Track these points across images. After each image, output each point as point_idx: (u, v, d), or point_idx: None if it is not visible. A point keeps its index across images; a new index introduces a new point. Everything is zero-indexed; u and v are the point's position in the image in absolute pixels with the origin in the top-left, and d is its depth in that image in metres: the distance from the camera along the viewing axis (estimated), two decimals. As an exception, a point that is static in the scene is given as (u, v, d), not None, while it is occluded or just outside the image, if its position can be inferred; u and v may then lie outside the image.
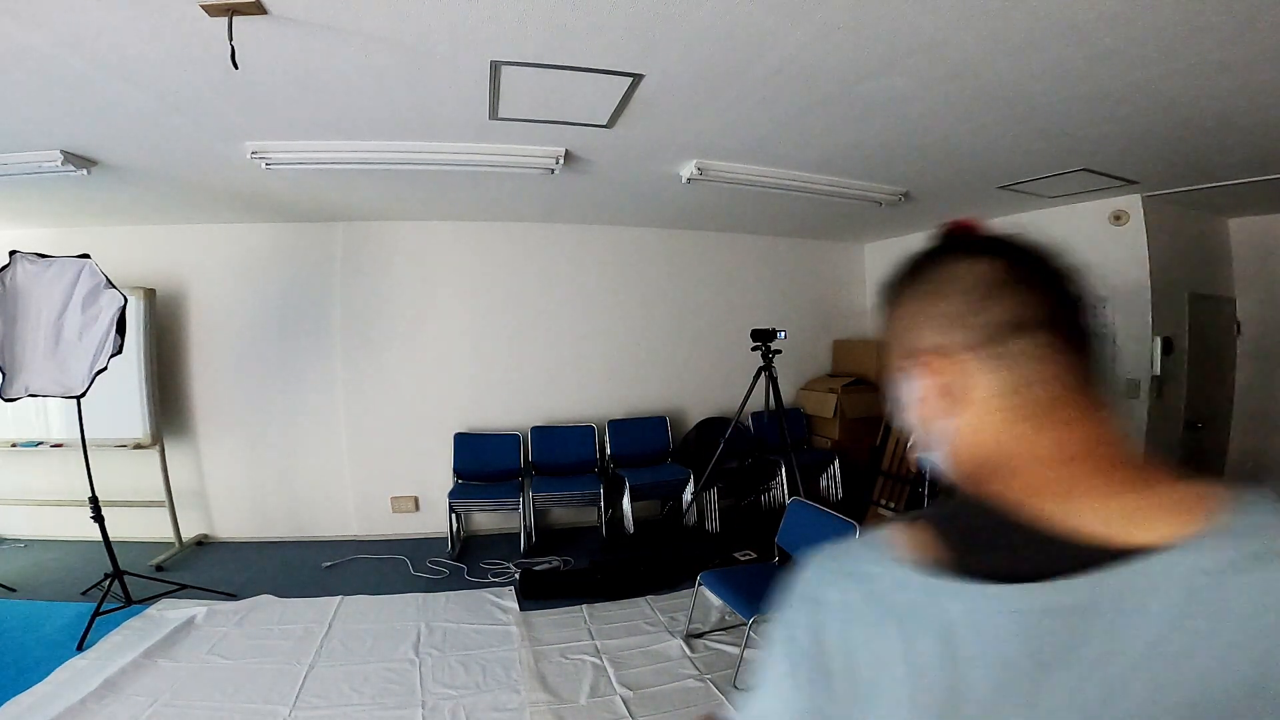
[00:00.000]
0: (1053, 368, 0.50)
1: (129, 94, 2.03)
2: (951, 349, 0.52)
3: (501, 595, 3.31)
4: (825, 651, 0.49)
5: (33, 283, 2.97)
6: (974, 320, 0.52)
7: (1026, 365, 0.50)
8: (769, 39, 1.71)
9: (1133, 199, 3.43)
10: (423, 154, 2.66)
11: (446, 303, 4.39)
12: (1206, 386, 3.77)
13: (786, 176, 3.09)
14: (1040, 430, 0.49)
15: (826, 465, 4.64)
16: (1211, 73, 1.85)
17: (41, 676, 2.48)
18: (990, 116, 2.28)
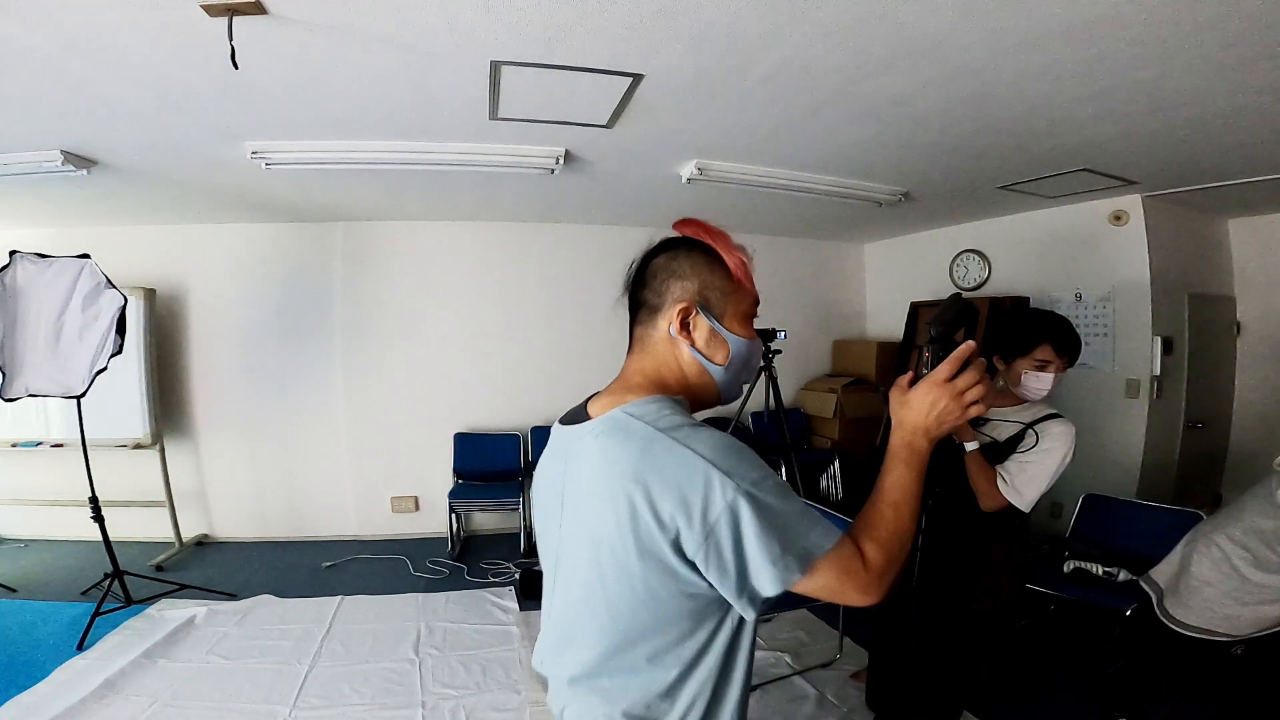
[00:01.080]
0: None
1: (129, 94, 2.03)
2: None
3: (501, 595, 3.31)
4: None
5: (33, 283, 2.97)
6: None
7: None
8: (769, 39, 1.71)
9: (1133, 199, 3.43)
10: (423, 154, 2.66)
11: (447, 302, 4.39)
12: (1206, 386, 3.77)
13: (786, 176, 3.09)
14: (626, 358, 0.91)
15: (826, 465, 4.64)
16: (1211, 72, 1.85)
17: (41, 676, 2.48)
18: (990, 116, 2.28)
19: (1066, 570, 2.70)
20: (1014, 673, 2.46)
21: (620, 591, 0.75)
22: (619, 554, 0.73)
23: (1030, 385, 1.75)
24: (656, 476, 0.71)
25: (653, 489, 0.71)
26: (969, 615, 1.84)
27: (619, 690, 0.79)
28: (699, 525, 0.69)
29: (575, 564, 0.81)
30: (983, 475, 1.74)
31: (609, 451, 0.76)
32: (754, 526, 0.69)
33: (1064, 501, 3.36)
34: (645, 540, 0.71)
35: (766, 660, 2.66)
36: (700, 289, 0.86)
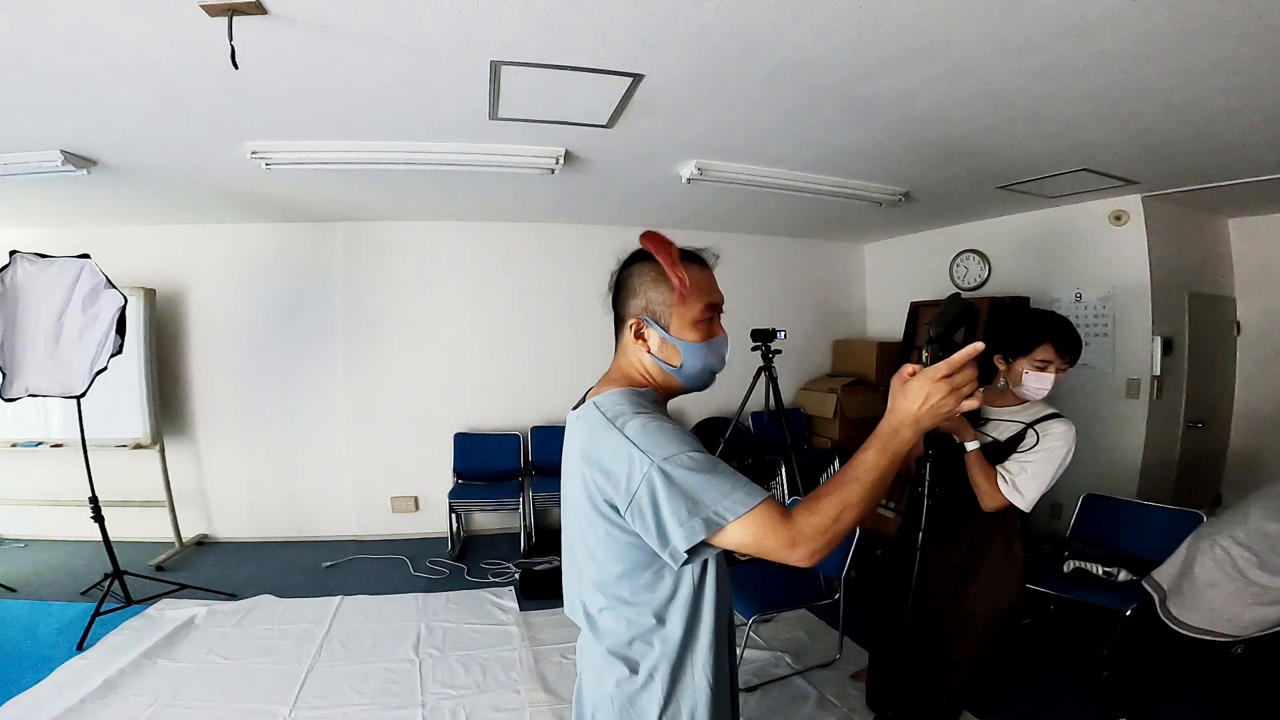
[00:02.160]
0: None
1: (129, 94, 2.03)
2: None
3: (501, 595, 3.31)
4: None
5: (33, 282, 2.97)
6: None
7: None
8: (769, 39, 1.71)
9: (1133, 199, 3.43)
10: (423, 154, 2.66)
11: (446, 302, 4.39)
12: (1206, 386, 3.77)
13: (786, 176, 3.09)
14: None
15: (826, 465, 4.64)
16: (1211, 72, 1.85)
17: (41, 676, 2.48)
18: (990, 116, 2.28)
19: (1066, 570, 2.70)
20: (1014, 673, 2.47)
21: (594, 544, 0.96)
22: (587, 514, 0.94)
23: (1031, 385, 1.75)
24: (596, 455, 0.92)
25: (595, 465, 0.91)
26: (969, 615, 1.84)
27: (607, 630, 0.98)
28: (625, 493, 0.87)
29: (570, 524, 1.02)
30: (983, 475, 1.74)
31: (577, 434, 0.98)
32: (665, 494, 0.84)
33: (1064, 501, 3.36)
34: (597, 504, 0.92)
35: (767, 660, 2.66)
36: (647, 304, 1.00)
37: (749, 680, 2.48)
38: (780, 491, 4.40)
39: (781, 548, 0.83)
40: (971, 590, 1.83)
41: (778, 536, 0.82)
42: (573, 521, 1.00)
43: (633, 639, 0.95)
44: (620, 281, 1.03)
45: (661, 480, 0.85)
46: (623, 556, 0.93)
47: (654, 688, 0.94)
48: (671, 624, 0.95)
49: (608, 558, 0.94)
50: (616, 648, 0.96)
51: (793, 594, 2.67)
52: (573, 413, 1.05)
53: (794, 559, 0.83)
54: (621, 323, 1.03)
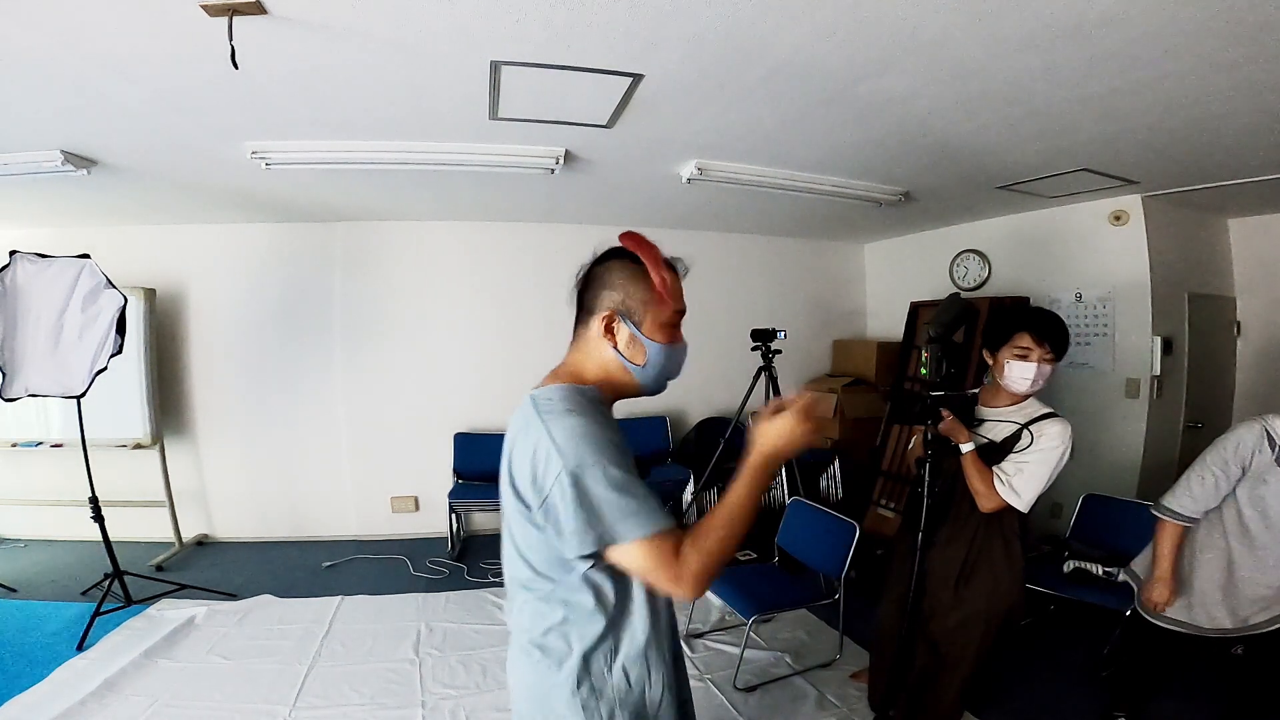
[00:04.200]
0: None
1: (129, 94, 2.03)
2: None
3: (501, 595, 3.29)
4: None
5: (33, 283, 2.97)
6: None
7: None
8: (769, 39, 1.71)
9: (1133, 199, 3.43)
10: (423, 154, 2.66)
11: (446, 302, 4.39)
12: (1206, 386, 3.77)
13: (786, 176, 3.09)
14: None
15: (826, 465, 4.64)
16: (1211, 73, 1.85)
17: (41, 676, 2.48)
18: (990, 116, 2.28)
19: (1066, 570, 2.70)
20: (1014, 673, 2.47)
21: (518, 536, 0.97)
22: (514, 506, 0.95)
23: (1013, 375, 1.76)
24: (521, 450, 0.93)
25: (520, 457, 0.93)
26: (970, 616, 1.84)
27: (529, 620, 0.99)
28: (537, 491, 0.90)
29: (504, 515, 1.01)
30: (980, 476, 1.74)
31: (512, 426, 1.00)
32: (571, 500, 0.87)
33: (1064, 501, 3.36)
34: (520, 496, 0.94)
35: (767, 660, 2.66)
36: (624, 299, 1.00)
37: (749, 680, 2.48)
38: (780, 492, 4.41)
39: (667, 583, 0.88)
40: (971, 591, 1.83)
41: (666, 571, 0.87)
42: (506, 513, 1.00)
43: (547, 630, 0.96)
44: (594, 275, 1.02)
45: (571, 486, 0.87)
46: (538, 550, 0.95)
47: (568, 682, 0.95)
48: (587, 621, 0.95)
49: (527, 550, 0.96)
50: (534, 638, 0.98)
51: (793, 594, 2.67)
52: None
53: (677, 594, 0.90)
54: (590, 315, 1.01)
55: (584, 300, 1.03)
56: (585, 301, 1.03)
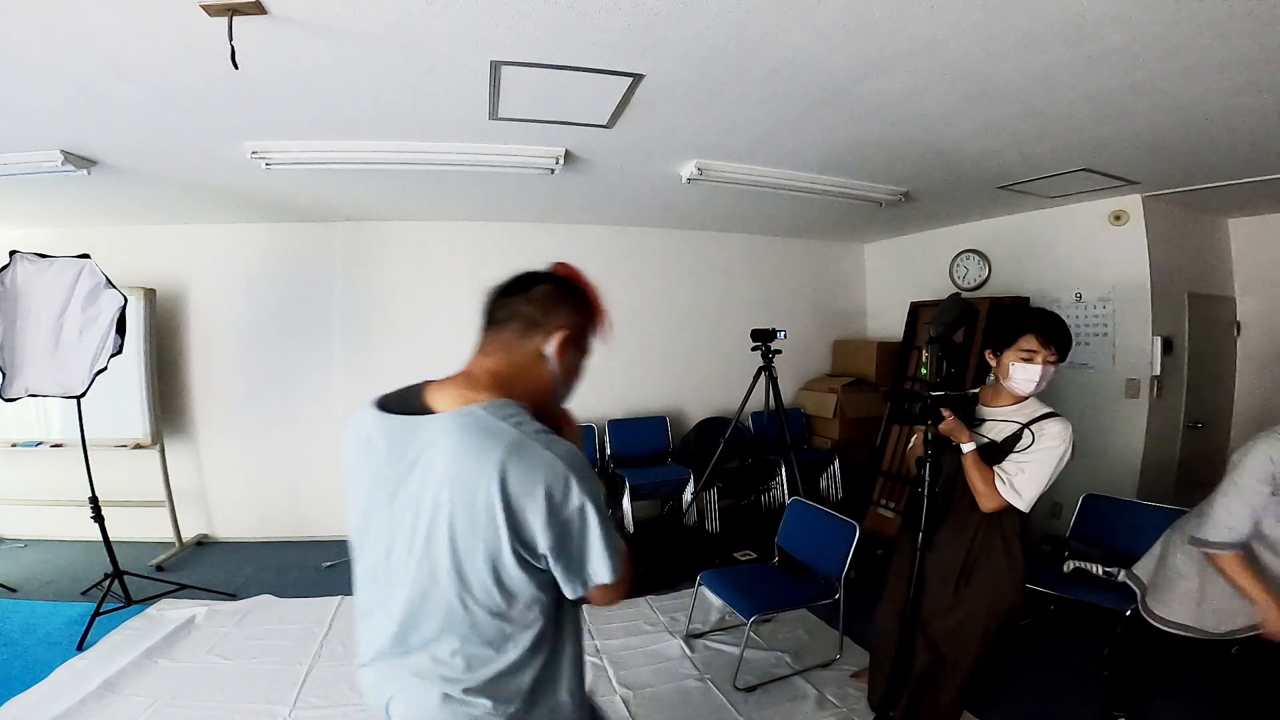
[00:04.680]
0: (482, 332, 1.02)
1: (129, 94, 2.03)
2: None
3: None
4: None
5: (33, 282, 2.97)
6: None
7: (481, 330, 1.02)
8: (769, 39, 1.71)
9: (1133, 199, 3.44)
10: (423, 154, 2.66)
11: (446, 302, 4.38)
12: (1206, 386, 3.77)
13: (786, 176, 3.09)
14: (471, 360, 1.01)
15: (826, 465, 4.64)
16: (1211, 73, 1.85)
17: (41, 676, 2.48)
18: (990, 116, 2.28)
19: (1066, 570, 2.70)
20: (1014, 673, 2.47)
21: (487, 575, 0.86)
22: (474, 539, 0.84)
23: (1018, 377, 1.76)
24: (520, 472, 0.82)
25: (517, 483, 0.82)
26: (970, 616, 1.84)
27: (460, 667, 0.89)
28: (555, 518, 0.84)
29: (418, 550, 0.87)
30: (981, 476, 1.74)
31: (473, 445, 0.84)
32: (597, 529, 0.87)
33: (1064, 501, 3.36)
34: (502, 528, 0.83)
35: (767, 660, 2.66)
36: (577, 324, 1.00)
37: (749, 680, 2.48)
38: (780, 492, 4.41)
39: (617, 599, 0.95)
40: (971, 591, 1.83)
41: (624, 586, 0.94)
42: (425, 552, 0.87)
43: (497, 674, 0.89)
44: (543, 291, 0.99)
45: (595, 513, 0.86)
46: (520, 588, 0.87)
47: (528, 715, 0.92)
48: (537, 654, 0.92)
49: (500, 590, 0.87)
50: (473, 685, 0.89)
51: (793, 594, 2.67)
52: (415, 419, 0.91)
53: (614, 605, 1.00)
54: (532, 327, 0.96)
55: (524, 310, 0.97)
56: (526, 312, 0.97)
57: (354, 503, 0.99)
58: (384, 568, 0.92)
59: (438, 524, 0.85)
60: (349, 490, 1.00)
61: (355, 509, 0.98)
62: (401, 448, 0.90)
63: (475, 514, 0.83)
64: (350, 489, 1.00)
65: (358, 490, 0.98)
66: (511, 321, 0.97)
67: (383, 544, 0.92)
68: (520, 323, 0.97)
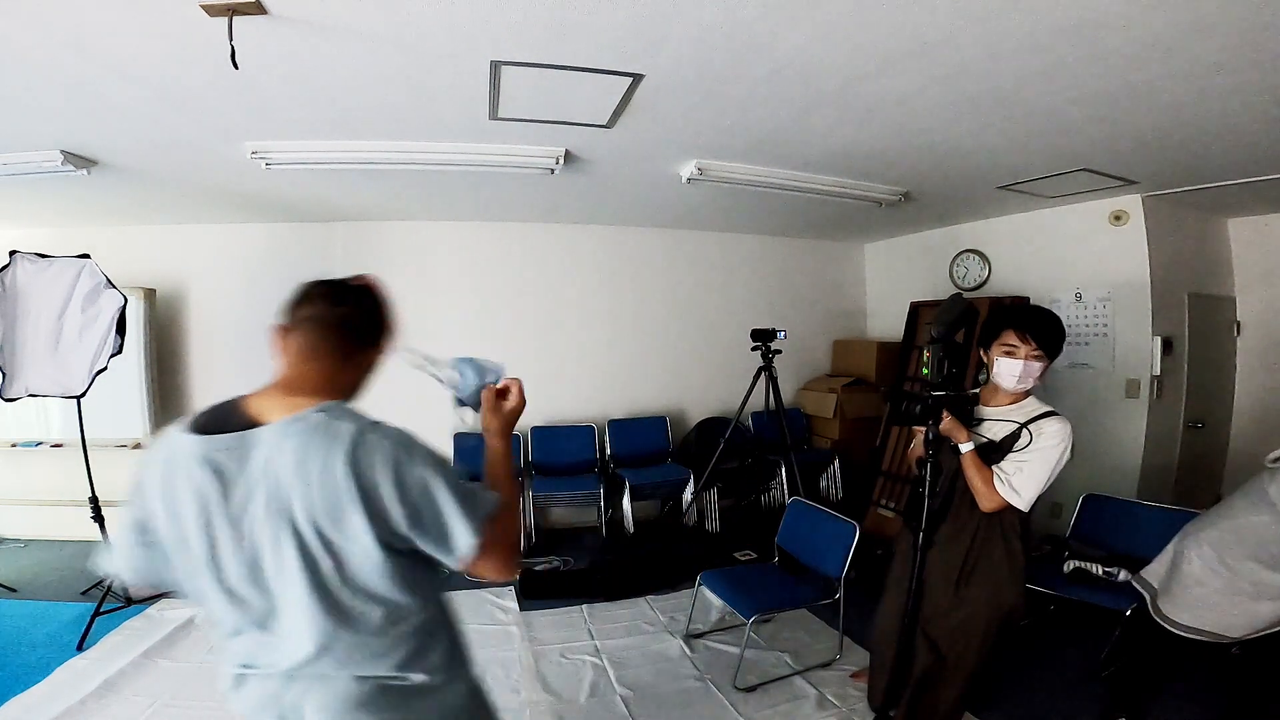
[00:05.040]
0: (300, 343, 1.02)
1: (129, 94, 2.03)
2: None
3: (501, 595, 3.31)
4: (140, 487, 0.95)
5: (33, 283, 2.97)
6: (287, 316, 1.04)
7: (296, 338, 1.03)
8: (769, 39, 1.71)
9: (1133, 199, 3.44)
10: (423, 154, 2.66)
11: (446, 302, 4.39)
12: (1206, 386, 3.77)
13: (786, 176, 3.09)
14: (287, 371, 1.01)
15: (826, 465, 4.64)
16: (1210, 73, 1.85)
17: (41, 676, 2.48)
18: (990, 116, 2.28)
19: (1066, 570, 2.70)
20: (1014, 673, 2.47)
21: (350, 567, 0.89)
22: (341, 534, 0.87)
23: (1002, 371, 1.77)
24: (366, 459, 0.88)
25: (365, 470, 0.88)
26: (971, 616, 1.84)
27: (368, 664, 0.92)
28: (404, 494, 0.90)
29: (291, 559, 0.88)
30: (980, 475, 1.74)
31: (318, 445, 0.88)
32: (445, 492, 0.92)
33: (1064, 501, 3.36)
34: (363, 516, 0.87)
35: (767, 660, 2.66)
36: (383, 332, 1.13)
37: (749, 680, 2.48)
38: (780, 492, 4.41)
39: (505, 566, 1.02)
40: (973, 591, 1.83)
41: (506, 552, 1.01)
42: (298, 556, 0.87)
43: (401, 664, 0.93)
44: (375, 306, 1.11)
45: (439, 478, 0.93)
46: (401, 573, 0.92)
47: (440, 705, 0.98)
48: (437, 634, 0.99)
49: (383, 578, 0.90)
50: (385, 677, 0.93)
51: (793, 594, 2.67)
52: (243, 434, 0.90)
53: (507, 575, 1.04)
54: (363, 339, 1.08)
55: (354, 320, 1.06)
56: (357, 323, 1.06)
57: (178, 528, 0.91)
58: (252, 584, 0.90)
59: (302, 528, 0.87)
60: (157, 517, 0.92)
61: (182, 534, 0.91)
62: (239, 464, 0.88)
63: (336, 509, 0.86)
64: (161, 515, 0.92)
65: (180, 516, 0.90)
66: (326, 330, 1.02)
67: (241, 563, 0.89)
68: (335, 331, 1.02)
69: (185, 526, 0.90)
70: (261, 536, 0.88)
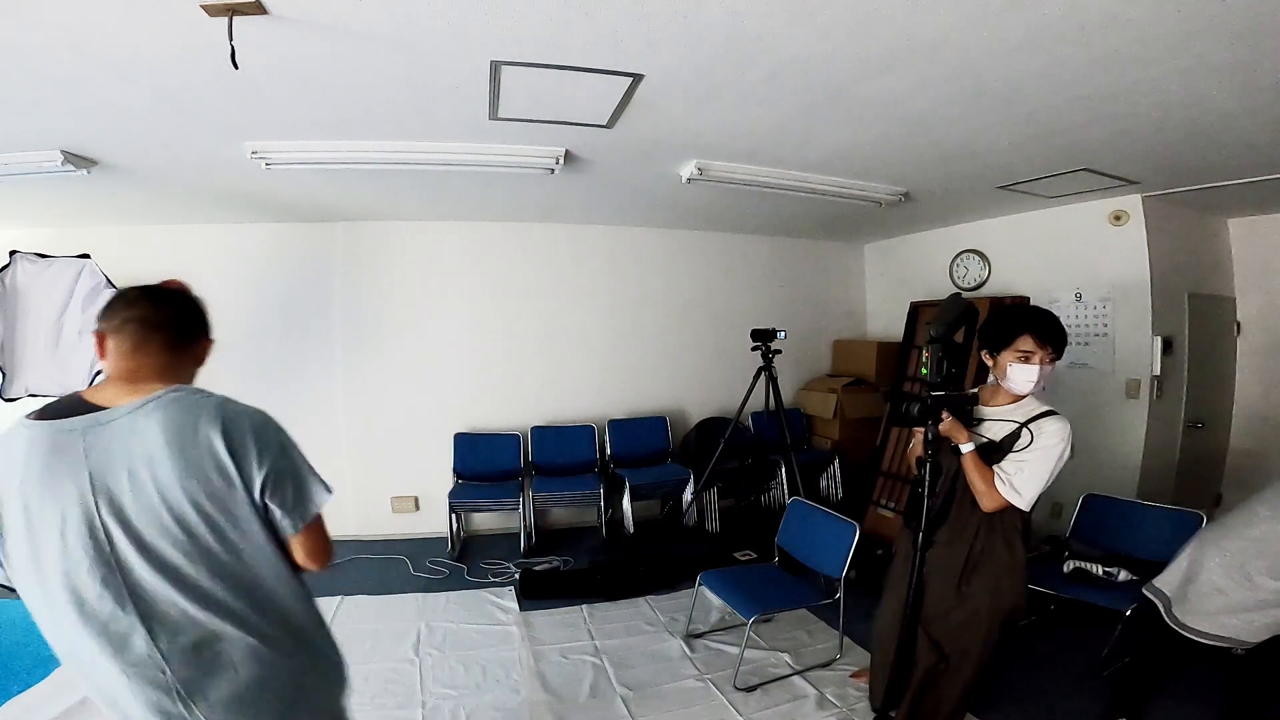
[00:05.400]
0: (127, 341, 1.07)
1: (129, 94, 2.03)
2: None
3: (501, 595, 3.31)
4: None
5: (33, 282, 2.98)
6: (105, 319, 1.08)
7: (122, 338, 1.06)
8: (769, 39, 1.71)
9: (1133, 199, 3.44)
10: (423, 154, 2.66)
11: (446, 302, 4.39)
12: (1206, 386, 3.77)
13: (786, 176, 3.09)
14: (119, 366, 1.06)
15: (826, 465, 4.64)
16: (1211, 73, 1.85)
17: (41, 676, 2.47)
18: (990, 116, 2.28)
19: (1066, 570, 2.70)
20: (1014, 673, 2.47)
21: (227, 532, 1.00)
22: (215, 501, 0.98)
23: (1016, 377, 1.75)
24: (234, 426, 1.02)
25: (234, 435, 1.00)
26: (972, 616, 1.84)
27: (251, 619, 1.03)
28: (268, 456, 1.03)
29: (167, 529, 0.96)
30: (980, 476, 1.74)
31: (186, 419, 0.99)
32: (300, 456, 1.10)
33: (1064, 501, 3.36)
34: (235, 478, 0.99)
35: (766, 660, 2.66)
36: (206, 329, 1.27)
37: (749, 680, 2.48)
38: (780, 492, 4.41)
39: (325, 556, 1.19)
40: (975, 590, 1.83)
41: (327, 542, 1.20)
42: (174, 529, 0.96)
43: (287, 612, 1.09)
44: (197, 310, 1.24)
45: (291, 446, 1.09)
46: (254, 531, 1.03)
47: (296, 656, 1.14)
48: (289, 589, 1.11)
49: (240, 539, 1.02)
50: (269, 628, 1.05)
51: (793, 594, 2.67)
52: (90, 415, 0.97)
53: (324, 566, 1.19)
54: (189, 337, 1.20)
55: (180, 320, 1.18)
56: (182, 323, 1.19)
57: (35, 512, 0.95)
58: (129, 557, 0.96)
59: (174, 498, 0.95)
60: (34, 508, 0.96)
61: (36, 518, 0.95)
62: (104, 440, 0.96)
63: (208, 476, 0.97)
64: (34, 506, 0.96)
65: (40, 500, 0.95)
66: (152, 328, 1.10)
67: (119, 536, 0.95)
68: (162, 329, 1.12)
69: (34, 508, 0.95)
70: (131, 510, 0.95)
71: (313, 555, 1.13)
